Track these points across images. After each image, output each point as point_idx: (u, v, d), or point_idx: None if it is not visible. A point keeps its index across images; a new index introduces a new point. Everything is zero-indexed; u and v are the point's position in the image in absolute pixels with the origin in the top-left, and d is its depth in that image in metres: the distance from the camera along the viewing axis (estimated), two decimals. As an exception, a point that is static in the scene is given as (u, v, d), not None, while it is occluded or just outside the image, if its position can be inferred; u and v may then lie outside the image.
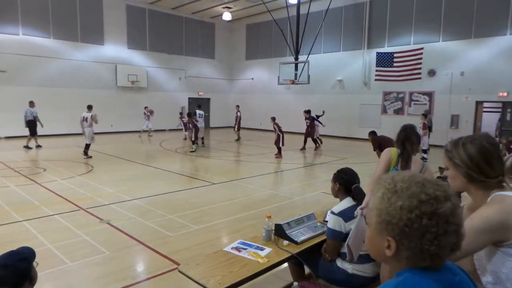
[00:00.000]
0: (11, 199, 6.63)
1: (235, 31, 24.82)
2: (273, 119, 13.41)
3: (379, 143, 7.68)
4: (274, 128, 12.72)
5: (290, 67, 17.10)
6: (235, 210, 6.18)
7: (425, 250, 0.89)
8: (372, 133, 8.44)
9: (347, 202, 2.78)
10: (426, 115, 13.27)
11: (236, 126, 17.97)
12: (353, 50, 18.76)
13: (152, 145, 15.37)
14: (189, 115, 14.90)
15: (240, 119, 18.12)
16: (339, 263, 2.67)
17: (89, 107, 12.06)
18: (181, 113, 19.05)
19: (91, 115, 11.66)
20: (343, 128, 19.20)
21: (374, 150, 7.87)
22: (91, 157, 11.39)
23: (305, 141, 14.61)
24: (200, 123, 14.54)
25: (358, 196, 2.77)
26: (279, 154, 12.22)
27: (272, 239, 2.75)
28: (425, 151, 12.27)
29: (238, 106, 18.96)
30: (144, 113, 18.53)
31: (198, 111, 15.28)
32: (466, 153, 1.52)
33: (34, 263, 1.81)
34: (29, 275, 1.75)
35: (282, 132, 12.52)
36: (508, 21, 13.93)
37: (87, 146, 11.54)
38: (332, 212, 2.69)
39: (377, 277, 2.56)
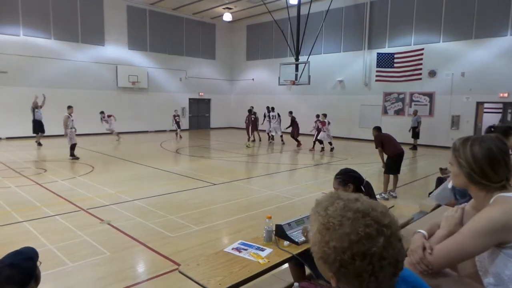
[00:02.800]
0: (12, 199, 6.63)
1: (236, 32, 24.84)
2: (317, 116, 15.18)
3: (381, 141, 7.39)
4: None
5: (290, 68, 17.10)
6: (236, 211, 6.18)
7: (365, 286, 0.89)
8: (377, 129, 7.96)
9: None
10: (325, 115, 14.58)
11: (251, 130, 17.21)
12: (354, 50, 18.76)
13: (152, 146, 15.37)
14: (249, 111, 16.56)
15: (252, 122, 17.24)
16: None
17: (68, 107, 11.66)
18: (175, 114, 18.57)
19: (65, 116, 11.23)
20: (344, 128, 19.18)
21: (377, 148, 7.50)
22: (78, 158, 11.14)
23: (296, 140, 15.65)
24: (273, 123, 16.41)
25: (369, 193, 2.74)
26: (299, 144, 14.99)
27: (272, 239, 2.75)
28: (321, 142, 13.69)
29: (252, 107, 18.07)
30: (101, 119, 16.62)
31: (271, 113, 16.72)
32: (471, 154, 1.49)
33: (37, 263, 1.83)
34: (35, 274, 1.78)
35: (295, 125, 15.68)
36: (509, 21, 13.92)
37: (71, 147, 11.18)
38: None
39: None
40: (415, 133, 15.15)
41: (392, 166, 7.31)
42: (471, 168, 1.49)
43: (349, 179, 2.85)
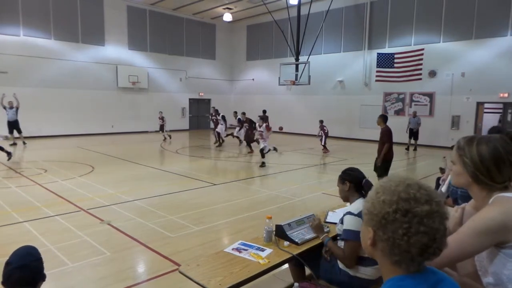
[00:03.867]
0: (12, 200, 6.64)
1: (236, 32, 24.84)
2: (321, 121, 15.22)
3: (389, 136, 6.91)
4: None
5: (290, 68, 17.10)
6: (236, 211, 6.18)
7: (396, 245, 0.95)
8: (384, 119, 7.20)
9: (362, 203, 2.75)
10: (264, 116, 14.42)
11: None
12: (354, 50, 18.76)
13: (152, 146, 15.37)
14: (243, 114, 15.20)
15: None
16: (341, 265, 2.66)
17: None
18: (161, 113, 17.81)
19: None
20: (344, 129, 19.19)
21: (385, 143, 6.95)
22: (9, 153, 10.42)
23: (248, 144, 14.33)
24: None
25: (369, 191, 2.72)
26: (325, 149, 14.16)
27: (272, 240, 2.75)
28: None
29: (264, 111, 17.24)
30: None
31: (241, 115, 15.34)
32: (478, 153, 1.48)
33: None
34: (44, 274, 1.81)
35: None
36: (509, 22, 13.93)
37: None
38: (350, 213, 2.60)
39: (379, 280, 2.56)
40: (414, 134, 15.01)
41: (387, 169, 7.03)
42: (477, 168, 1.48)
43: (347, 177, 2.84)
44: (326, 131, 14.62)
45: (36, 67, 16.91)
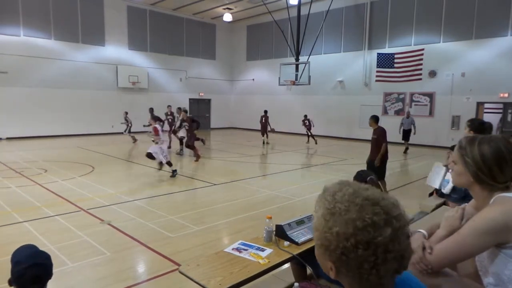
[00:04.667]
0: (12, 200, 6.64)
1: (236, 32, 24.85)
2: (305, 116, 16.51)
3: (385, 135, 6.77)
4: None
5: (290, 68, 17.10)
6: (236, 211, 6.18)
7: (365, 279, 0.85)
8: (376, 120, 7.12)
9: None
10: (186, 110, 12.55)
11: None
12: (354, 51, 18.76)
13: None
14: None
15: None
16: None
17: None
18: (126, 112, 16.54)
19: None
20: (344, 129, 19.21)
21: (382, 143, 6.80)
22: None
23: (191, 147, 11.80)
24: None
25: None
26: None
27: (273, 240, 2.75)
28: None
29: (266, 111, 17.66)
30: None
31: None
32: (480, 153, 1.47)
33: None
34: (52, 273, 1.84)
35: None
36: (509, 22, 13.92)
37: None
38: None
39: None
40: (406, 136, 14.38)
41: (383, 171, 6.92)
42: (479, 167, 1.47)
43: (355, 177, 2.89)
44: (307, 124, 16.49)
45: (36, 67, 16.92)
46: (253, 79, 24.09)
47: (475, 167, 1.48)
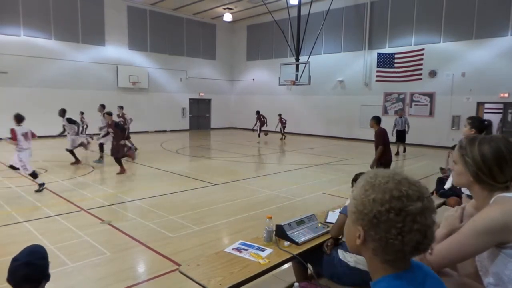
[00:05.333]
0: (12, 200, 6.64)
1: (236, 32, 24.85)
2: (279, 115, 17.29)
3: (384, 139, 6.55)
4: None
5: (291, 68, 17.10)
6: (236, 211, 6.18)
7: (390, 244, 0.93)
8: (377, 121, 6.84)
9: None
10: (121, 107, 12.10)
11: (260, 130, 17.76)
12: (354, 50, 18.76)
13: (152, 146, 15.37)
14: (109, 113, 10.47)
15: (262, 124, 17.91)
16: (341, 255, 2.68)
17: None
18: (82, 112, 14.66)
19: None
20: (344, 129, 19.20)
21: (378, 146, 6.60)
22: None
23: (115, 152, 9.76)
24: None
25: None
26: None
27: (273, 240, 2.75)
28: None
29: (258, 112, 18.32)
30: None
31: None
32: (480, 153, 1.47)
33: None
34: (48, 274, 1.82)
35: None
36: (509, 22, 13.92)
37: None
38: None
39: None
40: (402, 137, 13.73)
41: None
42: (479, 167, 1.47)
43: (354, 179, 2.91)
44: (284, 122, 18.19)
45: (36, 67, 16.93)
46: (253, 79, 24.09)
47: (475, 167, 1.48)
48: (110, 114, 9.91)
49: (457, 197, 4.58)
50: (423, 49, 15.67)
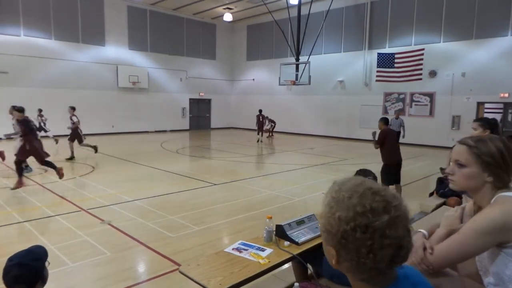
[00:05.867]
0: (12, 200, 6.64)
1: (236, 32, 24.85)
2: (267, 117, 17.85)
3: (384, 138, 6.57)
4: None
5: (291, 68, 17.10)
6: (236, 211, 6.18)
7: (362, 263, 0.88)
8: (384, 122, 6.96)
9: None
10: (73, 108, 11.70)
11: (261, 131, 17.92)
12: (354, 50, 18.76)
13: (153, 146, 15.36)
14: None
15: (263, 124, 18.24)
16: None
17: None
18: (40, 110, 14.60)
19: None
20: (344, 128, 19.20)
21: (376, 145, 6.69)
22: None
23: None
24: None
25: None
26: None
27: (273, 240, 2.75)
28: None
29: (260, 110, 18.47)
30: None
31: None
32: (497, 150, 1.43)
33: (46, 263, 1.84)
34: (42, 275, 1.78)
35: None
36: (510, 22, 13.92)
37: None
38: None
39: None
40: (398, 139, 13.49)
41: (391, 176, 6.56)
42: (499, 165, 1.43)
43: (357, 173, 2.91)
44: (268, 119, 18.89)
45: (36, 67, 16.93)
46: (253, 79, 24.09)
47: (496, 165, 1.43)
48: (20, 109, 8.16)
49: (457, 197, 4.59)
50: (423, 49, 15.66)
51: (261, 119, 17.93)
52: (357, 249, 0.87)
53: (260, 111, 18.31)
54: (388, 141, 6.64)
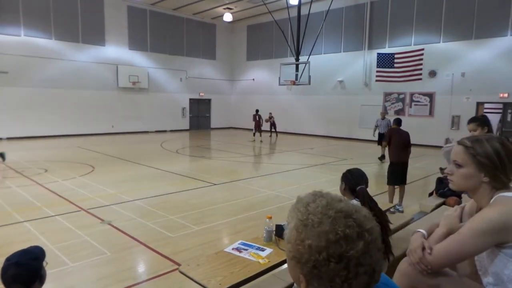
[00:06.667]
0: (12, 199, 6.64)
1: (236, 32, 24.85)
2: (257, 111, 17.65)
3: (390, 136, 6.64)
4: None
5: (291, 68, 17.10)
6: (236, 211, 6.19)
7: None
8: (396, 122, 7.14)
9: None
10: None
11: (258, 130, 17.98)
12: (354, 50, 18.76)
13: (153, 146, 15.37)
14: None
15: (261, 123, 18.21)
16: None
17: None
18: None
19: None
20: (344, 129, 19.20)
21: (384, 141, 6.77)
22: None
23: None
24: None
25: (362, 199, 2.69)
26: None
27: (272, 239, 2.76)
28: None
29: (257, 110, 18.56)
30: None
31: None
32: (494, 150, 1.43)
33: (44, 263, 1.84)
34: (40, 275, 1.79)
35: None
36: (509, 22, 13.92)
37: None
38: None
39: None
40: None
41: (396, 175, 6.49)
42: (495, 165, 1.43)
43: (344, 178, 2.90)
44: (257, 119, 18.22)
45: (36, 67, 16.92)
46: (253, 79, 24.09)
47: (492, 165, 1.44)
48: None
49: (457, 197, 4.59)
50: (423, 49, 15.67)
51: (257, 119, 17.97)
52: (331, 279, 0.81)
53: (257, 110, 18.34)
54: (395, 140, 6.62)
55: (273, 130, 19.32)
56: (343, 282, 0.81)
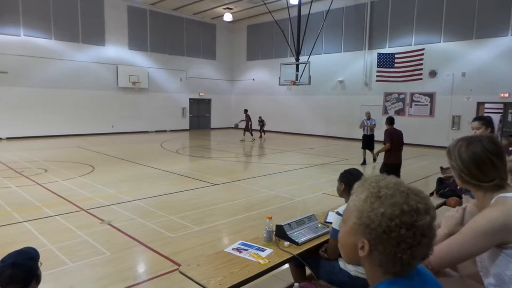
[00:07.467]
0: (12, 200, 6.64)
1: (236, 32, 24.85)
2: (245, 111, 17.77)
3: (391, 136, 6.74)
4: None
5: (291, 68, 17.10)
6: (236, 211, 6.18)
7: (398, 258, 0.92)
8: (389, 121, 7.24)
9: None
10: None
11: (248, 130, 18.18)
12: (354, 50, 18.75)
13: (153, 146, 15.37)
14: None
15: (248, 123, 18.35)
16: (342, 264, 2.66)
17: None
18: None
19: None
20: (344, 129, 19.20)
21: (385, 144, 6.84)
22: None
23: None
24: None
25: None
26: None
27: (273, 240, 2.75)
28: None
29: (246, 110, 18.81)
30: None
31: None
32: (459, 156, 1.53)
33: (38, 263, 1.85)
34: (36, 274, 1.80)
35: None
36: (510, 22, 13.92)
37: None
38: (338, 213, 2.64)
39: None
40: (369, 143, 11.29)
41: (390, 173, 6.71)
42: (460, 169, 1.53)
43: (343, 178, 2.90)
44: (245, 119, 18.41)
45: (36, 67, 16.92)
46: (253, 79, 24.08)
47: (457, 169, 1.54)
48: None
49: (457, 198, 4.58)
50: (423, 49, 15.67)
51: (245, 119, 18.11)
52: (397, 244, 0.91)
53: (246, 110, 18.49)
54: (394, 140, 6.70)
55: (262, 130, 19.46)
56: (407, 249, 0.91)
